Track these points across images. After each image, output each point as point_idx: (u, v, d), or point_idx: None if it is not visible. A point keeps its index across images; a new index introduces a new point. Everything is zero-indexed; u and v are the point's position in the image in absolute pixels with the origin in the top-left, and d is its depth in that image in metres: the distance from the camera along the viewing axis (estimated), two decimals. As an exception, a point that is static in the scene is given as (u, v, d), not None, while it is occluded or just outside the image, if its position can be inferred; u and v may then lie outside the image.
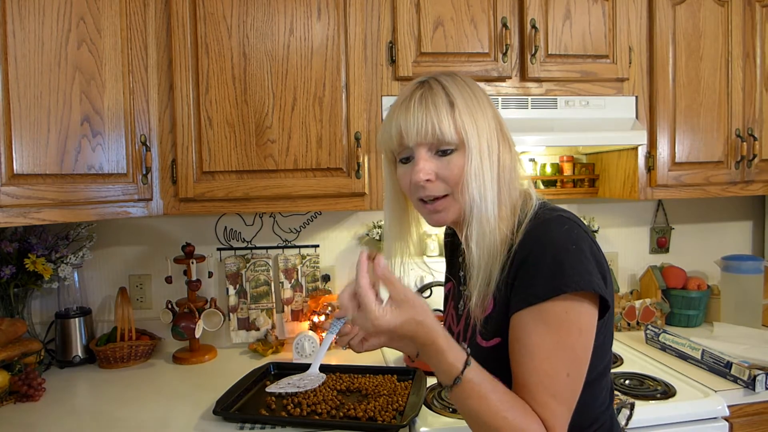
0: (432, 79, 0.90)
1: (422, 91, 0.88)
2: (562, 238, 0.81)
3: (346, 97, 1.60)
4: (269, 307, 1.94)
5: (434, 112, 0.85)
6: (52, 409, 1.44)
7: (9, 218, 1.25)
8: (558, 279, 0.77)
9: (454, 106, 0.86)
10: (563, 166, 2.08)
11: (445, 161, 0.87)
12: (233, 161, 1.57)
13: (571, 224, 0.83)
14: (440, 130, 0.85)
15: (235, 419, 1.32)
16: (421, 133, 0.86)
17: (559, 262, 0.78)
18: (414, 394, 1.39)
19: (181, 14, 1.53)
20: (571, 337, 0.78)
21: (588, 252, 0.81)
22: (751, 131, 1.82)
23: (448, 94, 0.87)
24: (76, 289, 1.83)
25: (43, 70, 1.31)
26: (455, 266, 1.07)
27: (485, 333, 0.89)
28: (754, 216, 2.33)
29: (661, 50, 1.75)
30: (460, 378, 0.77)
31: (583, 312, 0.79)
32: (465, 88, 0.89)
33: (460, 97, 0.87)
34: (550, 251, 0.80)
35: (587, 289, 0.78)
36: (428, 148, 0.88)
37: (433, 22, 1.61)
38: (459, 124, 0.85)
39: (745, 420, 1.46)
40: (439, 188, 0.88)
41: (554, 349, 0.78)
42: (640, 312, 2.01)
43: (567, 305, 0.78)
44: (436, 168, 0.87)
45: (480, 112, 0.88)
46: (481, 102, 0.89)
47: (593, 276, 0.79)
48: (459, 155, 0.86)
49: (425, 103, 0.87)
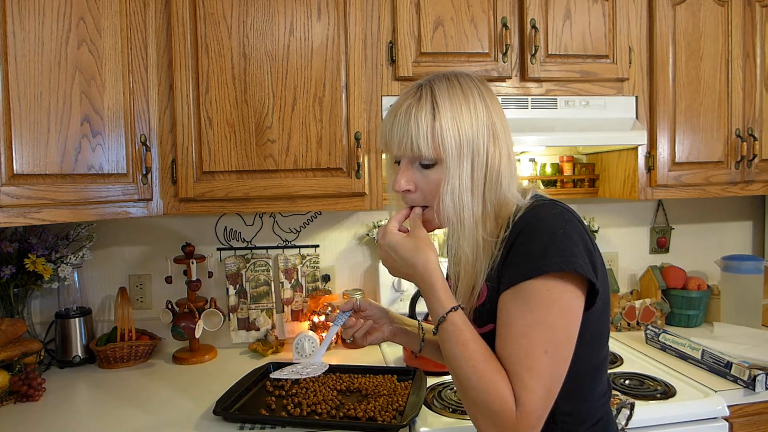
0: (426, 85, 0.90)
1: (410, 101, 0.89)
2: (551, 222, 0.82)
3: (346, 97, 1.60)
4: (269, 307, 1.94)
5: (414, 127, 0.87)
6: (52, 409, 1.44)
7: (9, 218, 1.26)
8: (541, 259, 0.79)
9: (435, 119, 0.86)
10: (563, 166, 2.08)
11: (425, 174, 0.89)
12: (233, 161, 1.57)
13: (561, 210, 0.84)
14: (418, 147, 0.87)
15: (235, 419, 1.32)
16: (401, 147, 0.89)
17: (544, 244, 0.80)
18: (414, 394, 1.39)
19: (181, 14, 1.53)
20: (551, 314, 0.78)
21: (576, 237, 0.81)
22: (751, 131, 1.82)
23: (434, 104, 0.87)
24: (76, 289, 1.83)
25: (43, 70, 1.31)
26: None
27: (479, 320, 0.91)
28: (754, 216, 2.33)
29: (661, 50, 1.75)
30: (445, 317, 0.83)
31: (566, 292, 0.79)
32: (457, 92, 0.88)
33: (448, 103, 0.87)
34: (537, 234, 0.81)
35: (569, 269, 0.78)
36: (410, 159, 0.90)
37: (433, 22, 1.61)
38: (437, 141, 0.86)
39: (745, 420, 1.46)
40: (419, 198, 0.92)
41: (532, 324, 0.78)
42: (640, 312, 2.01)
43: (550, 284, 0.79)
44: (416, 179, 0.91)
45: (468, 120, 0.87)
46: (472, 107, 0.88)
47: (578, 258, 0.79)
48: (437, 170, 0.88)
49: (409, 116, 0.88)
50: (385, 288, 1.93)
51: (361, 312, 1.12)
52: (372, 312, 1.13)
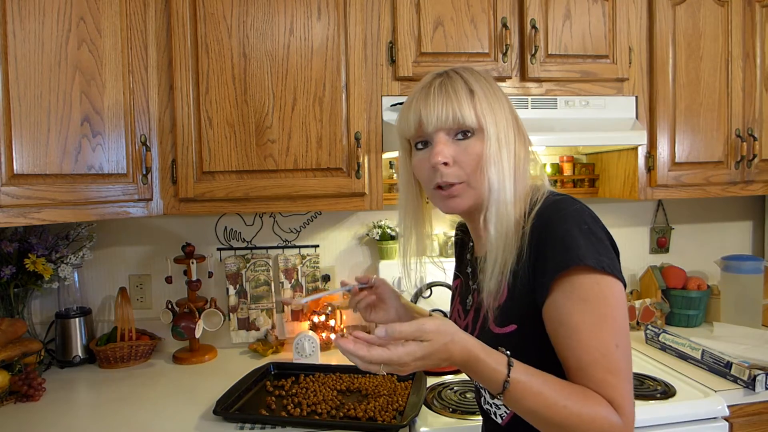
0: (451, 71, 0.91)
1: (441, 79, 0.90)
2: (575, 215, 0.82)
3: (346, 97, 1.60)
4: (269, 307, 1.94)
5: (455, 97, 0.87)
6: (52, 409, 1.44)
7: (9, 218, 1.25)
8: (573, 251, 0.78)
9: (474, 94, 0.88)
10: (563, 166, 2.08)
11: (463, 146, 0.88)
12: (233, 161, 1.57)
13: (581, 204, 0.85)
14: (461, 114, 0.86)
15: (235, 419, 1.32)
16: (441, 118, 0.87)
17: (573, 236, 0.79)
18: (414, 394, 1.39)
19: (181, 14, 1.53)
20: (609, 307, 0.78)
21: (600, 232, 0.82)
22: (751, 131, 1.82)
23: (467, 83, 0.89)
24: (76, 289, 1.83)
25: (43, 70, 1.31)
26: (464, 263, 1.07)
27: (499, 321, 0.88)
28: (754, 216, 2.33)
29: (661, 50, 1.75)
30: (508, 381, 0.74)
31: (611, 283, 0.79)
32: (483, 81, 0.91)
33: (479, 87, 0.89)
34: (563, 228, 0.80)
35: (608, 271, 0.78)
36: (447, 132, 0.88)
37: (433, 22, 1.61)
38: (479, 110, 0.87)
39: (745, 420, 1.46)
40: (455, 174, 0.88)
41: (597, 323, 0.77)
42: (640, 312, 2.01)
43: (596, 278, 0.78)
44: (453, 153, 0.88)
45: (498, 104, 0.89)
46: (498, 95, 0.91)
47: (604, 256, 0.79)
48: (477, 140, 0.87)
49: (445, 90, 0.88)
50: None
51: (374, 288, 1.11)
52: (383, 291, 1.11)
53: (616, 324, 0.78)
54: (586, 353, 0.77)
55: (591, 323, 0.77)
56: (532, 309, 0.83)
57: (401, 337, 0.72)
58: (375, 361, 0.71)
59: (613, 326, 0.77)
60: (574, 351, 0.78)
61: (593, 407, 0.74)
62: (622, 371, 0.77)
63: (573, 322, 0.78)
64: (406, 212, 1.01)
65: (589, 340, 0.77)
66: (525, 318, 0.85)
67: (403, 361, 0.72)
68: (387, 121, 1.62)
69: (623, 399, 0.76)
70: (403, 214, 1.01)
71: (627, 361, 0.78)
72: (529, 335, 0.85)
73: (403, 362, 0.72)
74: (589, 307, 0.77)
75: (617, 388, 0.76)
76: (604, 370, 0.76)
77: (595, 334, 0.77)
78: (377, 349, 0.72)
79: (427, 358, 0.73)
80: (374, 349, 0.72)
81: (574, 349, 0.78)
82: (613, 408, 0.75)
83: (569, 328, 0.78)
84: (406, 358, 0.72)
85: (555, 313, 0.80)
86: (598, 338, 0.77)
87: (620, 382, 0.76)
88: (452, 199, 0.90)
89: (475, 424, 1.25)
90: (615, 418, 0.74)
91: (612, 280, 0.79)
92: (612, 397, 0.75)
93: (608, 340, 0.77)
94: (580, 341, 0.77)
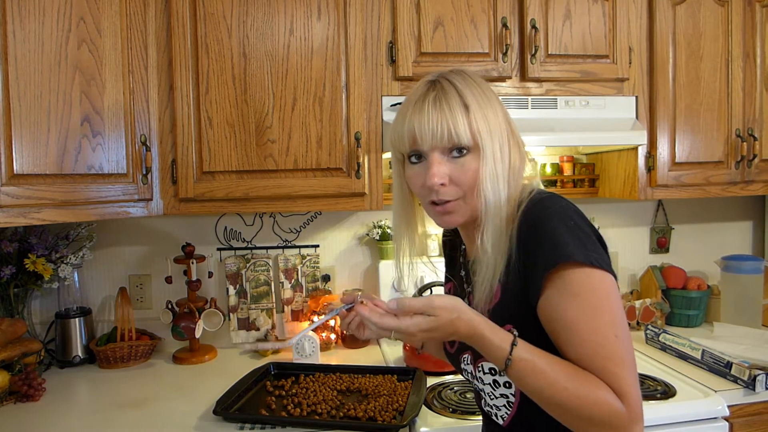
0: (443, 79, 0.89)
1: (435, 92, 0.88)
2: (561, 213, 0.82)
3: (346, 97, 1.60)
4: (269, 307, 1.94)
5: (449, 114, 0.85)
6: (52, 409, 1.44)
7: (9, 218, 1.25)
8: (562, 248, 0.78)
9: (468, 109, 0.86)
10: (563, 166, 2.08)
11: (459, 164, 0.87)
12: (233, 161, 1.57)
13: (566, 201, 0.85)
14: (456, 133, 0.85)
15: (235, 419, 1.32)
16: (436, 137, 0.85)
17: (561, 234, 0.79)
18: (414, 394, 1.39)
19: (181, 14, 1.53)
20: (602, 299, 0.78)
21: (586, 227, 0.82)
22: (751, 131, 1.82)
23: (461, 95, 0.87)
24: (76, 289, 1.83)
25: (43, 70, 1.31)
26: (456, 265, 1.07)
27: (496, 321, 0.88)
28: (754, 216, 2.33)
29: (661, 50, 1.75)
30: (510, 359, 0.77)
31: (602, 276, 0.79)
32: (476, 88, 0.89)
33: (473, 97, 0.87)
34: (550, 226, 0.81)
35: (597, 265, 0.78)
36: (441, 151, 0.87)
37: (433, 22, 1.61)
38: (474, 127, 0.86)
39: (745, 420, 1.46)
40: (451, 192, 0.88)
41: (593, 315, 0.77)
42: (640, 312, 2.01)
43: (586, 272, 0.78)
44: (449, 171, 0.87)
45: (492, 113, 0.88)
46: (492, 102, 0.90)
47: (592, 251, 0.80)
48: (473, 158, 0.87)
49: (439, 105, 0.86)
50: (385, 288, 1.93)
51: None
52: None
53: (612, 315, 0.78)
54: (586, 346, 0.77)
55: (587, 316, 0.77)
56: (525, 308, 0.84)
57: (411, 311, 0.79)
58: (385, 328, 0.80)
59: (610, 317, 0.78)
60: (574, 345, 0.78)
61: (594, 391, 0.75)
62: (625, 360, 0.77)
63: (569, 318, 0.78)
64: (399, 217, 1.00)
65: (587, 334, 0.77)
66: (519, 317, 0.85)
67: (410, 331, 0.79)
68: (387, 121, 1.62)
69: (628, 387, 0.76)
70: (396, 219, 1.01)
71: (628, 351, 0.78)
72: (525, 334, 0.85)
73: (410, 332, 0.79)
74: (583, 301, 0.78)
75: (620, 376, 0.76)
76: (604, 360, 0.76)
77: (592, 326, 0.77)
78: (388, 317, 0.80)
79: (433, 330, 0.79)
80: (386, 317, 0.80)
81: (573, 344, 0.78)
82: (616, 395, 0.75)
83: (566, 324, 0.79)
84: (412, 329, 0.78)
85: (550, 311, 0.80)
86: (596, 330, 0.77)
87: (622, 371, 0.76)
88: (448, 215, 0.90)
89: (475, 424, 1.25)
90: (618, 405, 0.74)
91: (602, 273, 0.79)
92: (615, 386, 0.75)
93: (606, 332, 0.77)
94: (579, 335, 0.78)
